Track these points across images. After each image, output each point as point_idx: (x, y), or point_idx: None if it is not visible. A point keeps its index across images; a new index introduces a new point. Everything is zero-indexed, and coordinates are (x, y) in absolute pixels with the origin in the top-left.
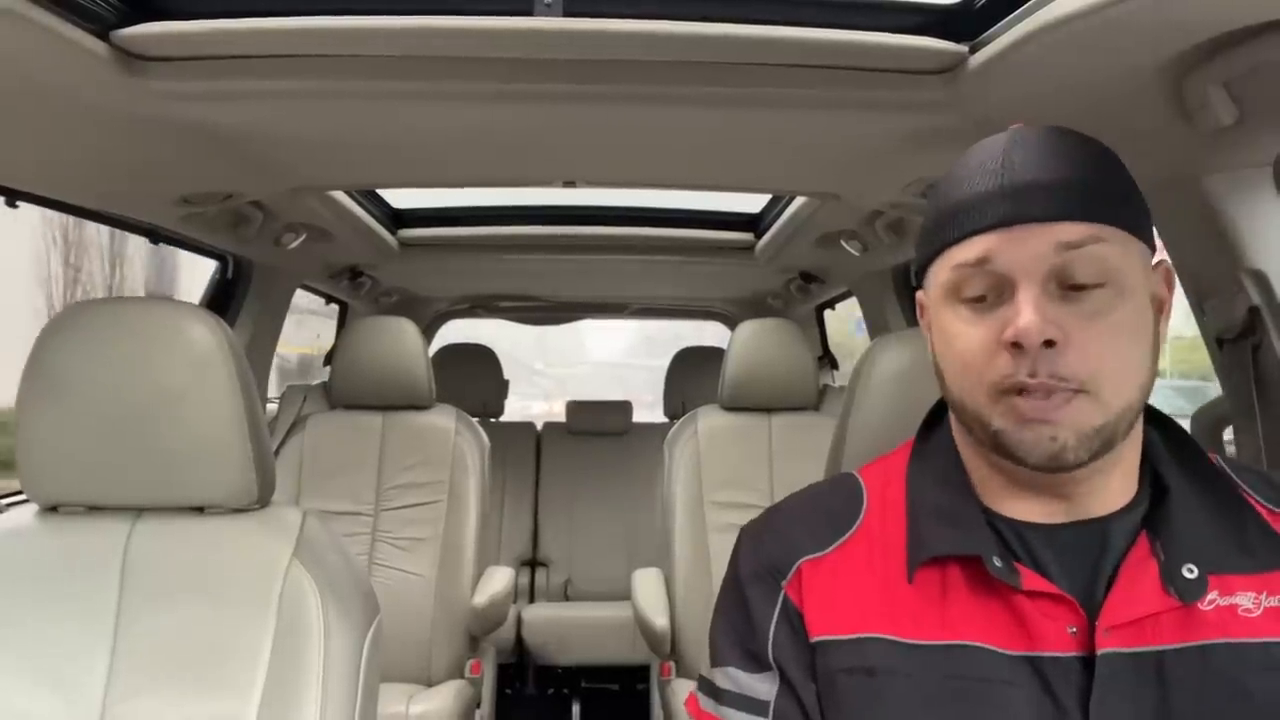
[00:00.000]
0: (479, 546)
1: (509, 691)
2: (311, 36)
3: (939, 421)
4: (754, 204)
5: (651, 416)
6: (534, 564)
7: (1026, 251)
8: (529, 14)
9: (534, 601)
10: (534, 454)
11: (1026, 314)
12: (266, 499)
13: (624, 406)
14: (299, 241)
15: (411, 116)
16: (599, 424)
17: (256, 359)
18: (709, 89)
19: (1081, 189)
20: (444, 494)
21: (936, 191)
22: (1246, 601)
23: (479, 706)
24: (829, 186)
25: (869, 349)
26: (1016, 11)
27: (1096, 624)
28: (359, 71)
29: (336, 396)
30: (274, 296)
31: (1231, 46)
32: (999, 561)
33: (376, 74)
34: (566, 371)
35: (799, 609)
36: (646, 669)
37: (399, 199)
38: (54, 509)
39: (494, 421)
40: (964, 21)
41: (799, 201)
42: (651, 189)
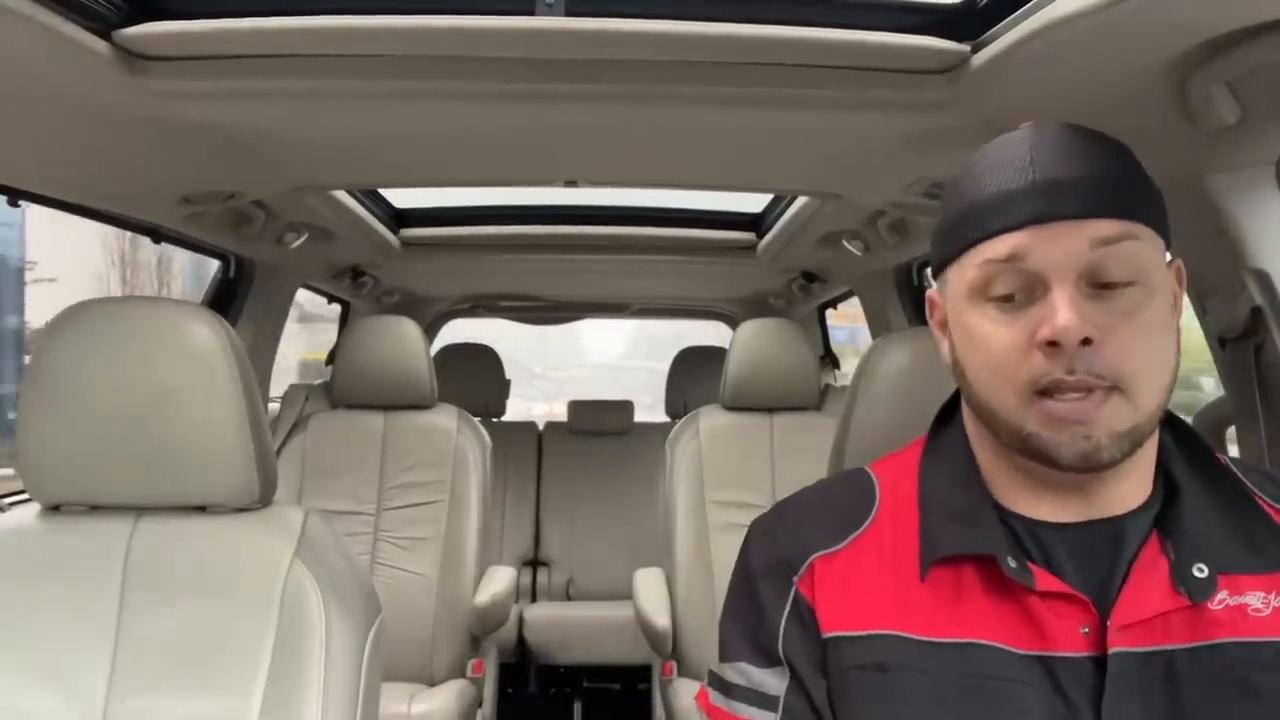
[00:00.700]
0: (481, 546)
1: (510, 691)
2: (314, 36)
3: (949, 419)
4: (756, 204)
5: (650, 417)
6: (535, 563)
7: (1060, 249)
8: (530, 13)
9: (536, 601)
10: (535, 454)
11: (1065, 312)
12: (268, 498)
13: (625, 406)
14: (301, 241)
15: (413, 116)
16: (601, 424)
17: (258, 358)
18: (710, 89)
19: (1113, 185)
20: (446, 493)
21: (956, 188)
22: (1256, 601)
23: (481, 706)
24: (831, 186)
25: (871, 348)
26: (1019, 11)
27: (1108, 624)
28: (361, 71)
29: (338, 396)
30: (276, 296)
31: (1234, 46)
32: (1013, 562)
33: (378, 74)
34: (565, 374)
35: (811, 605)
36: (648, 669)
37: (401, 198)
38: (56, 508)
39: (496, 421)
40: (966, 21)
41: (801, 201)
42: (653, 188)
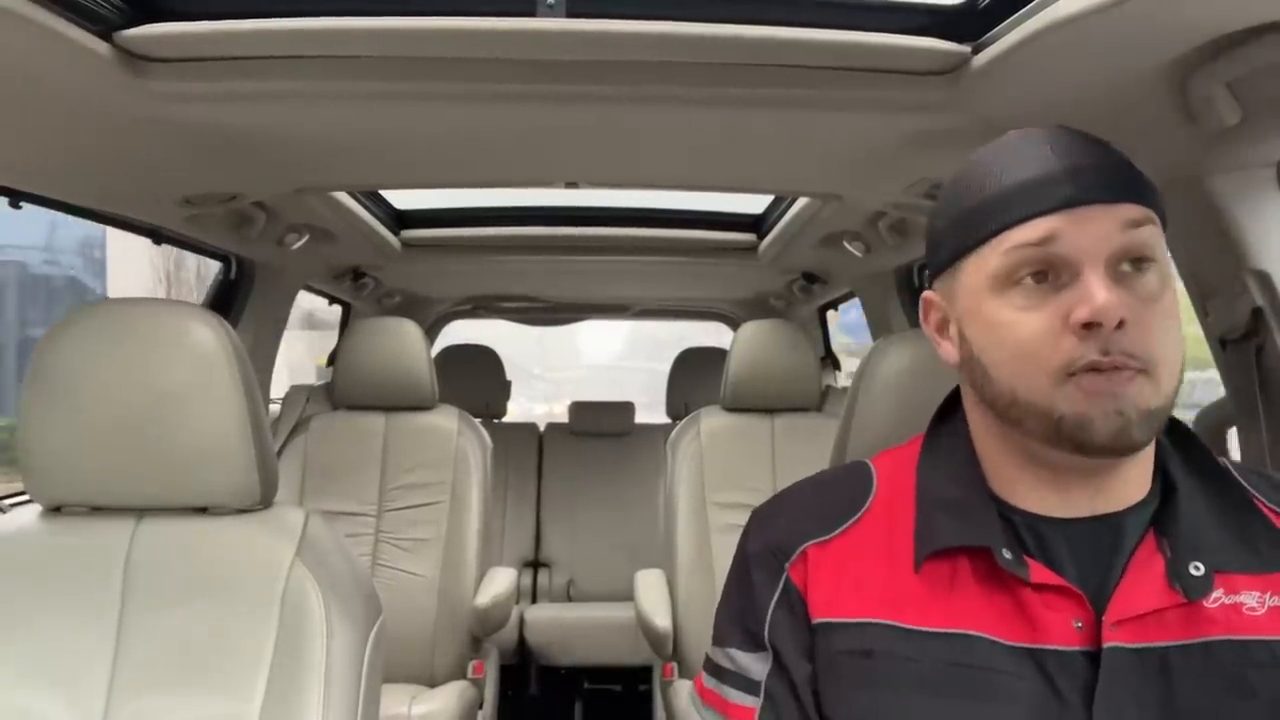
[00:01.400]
0: (481, 547)
1: (511, 692)
2: (315, 37)
3: (948, 417)
4: (756, 205)
5: (647, 417)
6: (536, 565)
7: (1091, 232)
8: (532, 15)
9: (536, 602)
10: (536, 455)
11: (1101, 293)
12: (269, 499)
13: (626, 407)
14: (302, 242)
15: (414, 117)
16: (601, 425)
17: (259, 360)
18: (712, 90)
19: (1133, 173)
20: (446, 495)
21: (966, 184)
22: (1251, 600)
23: (481, 707)
24: (832, 187)
25: (872, 349)
26: (1020, 12)
27: (1103, 619)
28: (362, 72)
29: (339, 397)
30: (277, 297)
31: (1235, 47)
32: (1008, 553)
33: (379, 75)
34: (563, 375)
35: (801, 591)
36: (649, 670)
37: (402, 200)
38: (57, 509)
39: (496, 422)
40: (967, 22)
41: (801, 202)
42: (654, 190)
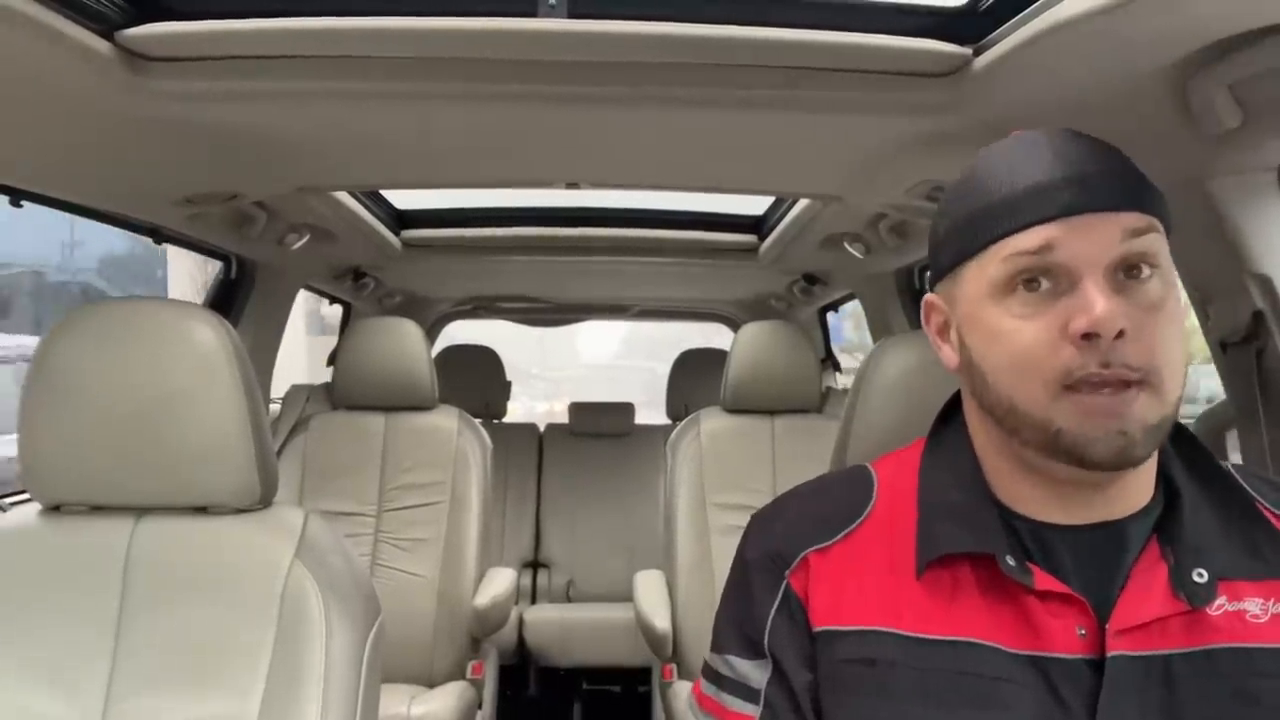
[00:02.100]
0: (481, 547)
1: (510, 693)
2: (316, 37)
3: (950, 421)
4: (757, 206)
5: (646, 416)
6: (536, 565)
7: (1092, 240)
8: (533, 15)
9: (536, 603)
10: (536, 455)
11: (1101, 303)
12: (269, 499)
13: (626, 408)
14: (303, 242)
15: (415, 117)
16: (601, 425)
17: (260, 359)
18: (713, 91)
19: (1137, 179)
20: (446, 495)
21: (969, 188)
22: (1255, 608)
23: (480, 708)
24: (832, 189)
25: (873, 350)
26: (1021, 14)
27: (1107, 627)
28: (363, 73)
29: (339, 397)
30: (277, 297)
31: (1237, 50)
32: (1012, 560)
33: (381, 75)
34: (561, 374)
35: (802, 599)
36: (648, 671)
37: (403, 200)
38: (57, 508)
39: (496, 422)
40: (968, 24)
41: (802, 204)
42: (654, 190)
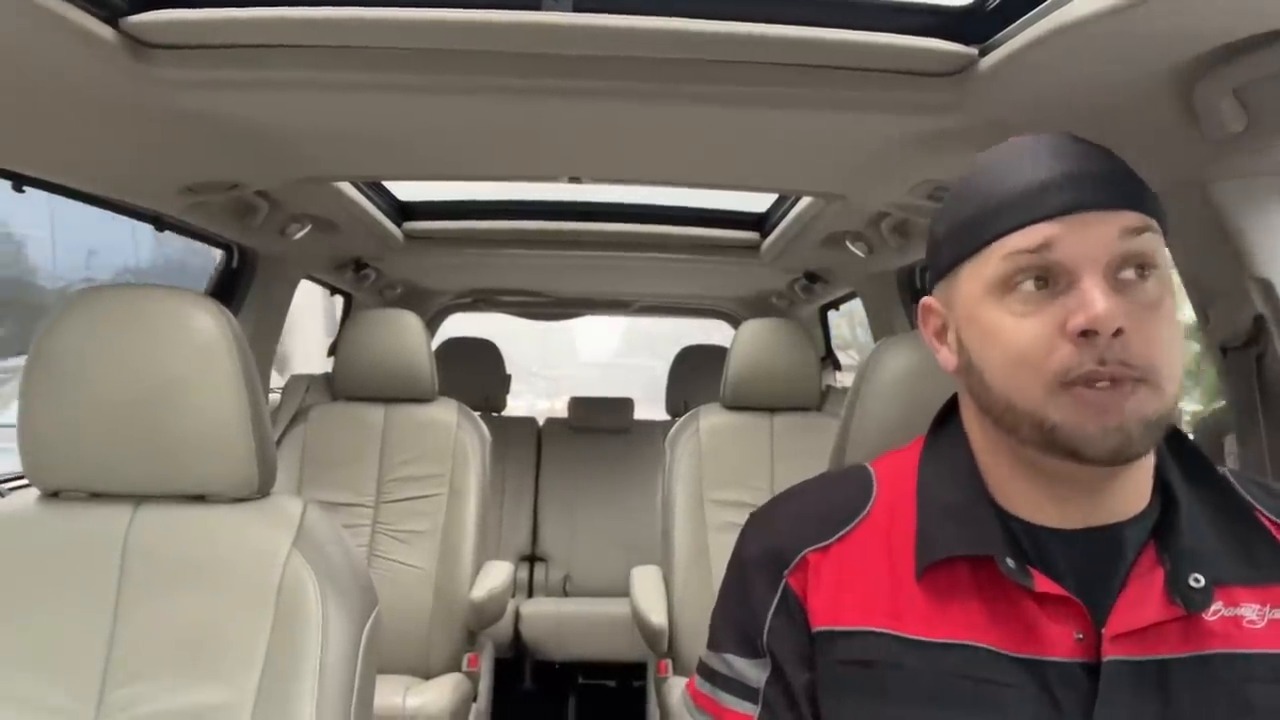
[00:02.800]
0: (478, 541)
1: (506, 686)
2: (320, 27)
3: (948, 422)
4: (760, 203)
5: (645, 413)
6: (533, 559)
7: (1091, 239)
8: (538, 8)
9: (532, 596)
10: (535, 449)
11: (1099, 301)
12: (267, 489)
13: (626, 404)
14: (304, 232)
15: (418, 109)
16: (601, 421)
17: (260, 349)
18: (717, 87)
19: (1135, 179)
20: (444, 487)
21: (970, 188)
22: (1251, 613)
23: (475, 700)
24: (835, 187)
25: (873, 350)
26: (1027, 15)
27: (1103, 631)
28: (367, 63)
29: (339, 388)
30: (278, 287)
31: (1242, 54)
32: (1011, 563)
33: (384, 66)
34: (560, 372)
35: (801, 599)
36: (644, 666)
37: (405, 191)
38: (55, 495)
39: (496, 416)
40: (974, 24)
41: (805, 201)
42: (657, 186)
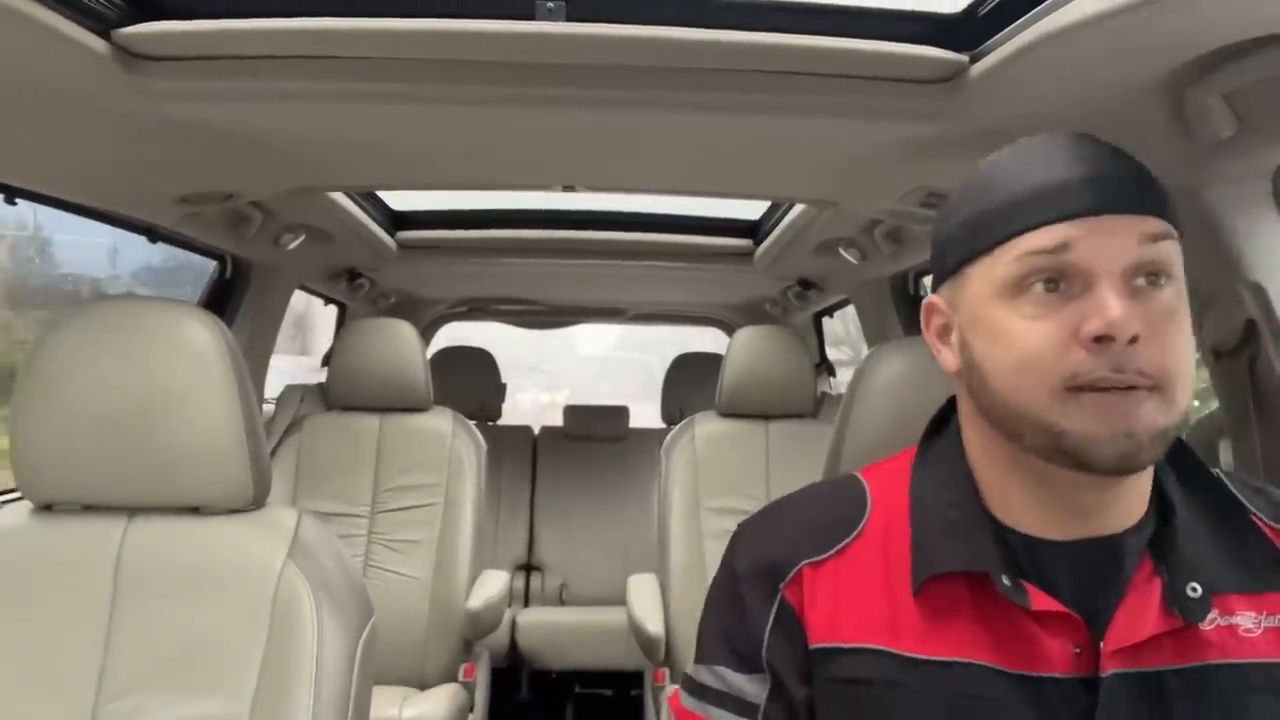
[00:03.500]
0: (474, 550)
1: (502, 696)
2: (313, 37)
3: (940, 431)
4: (753, 211)
5: (642, 409)
6: (529, 568)
7: (1111, 243)
8: (531, 18)
9: (529, 606)
10: (530, 458)
11: (1115, 307)
12: (262, 500)
13: (621, 412)
14: (298, 242)
15: (412, 119)
16: (596, 429)
17: (254, 359)
18: (709, 95)
19: (1157, 185)
20: (440, 497)
21: (984, 185)
22: (1247, 622)
23: (472, 711)
24: (828, 194)
25: (868, 357)
26: (1017, 22)
27: (1102, 645)
28: (360, 73)
29: (334, 398)
30: (272, 297)
31: (1231, 59)
32: (1007, 580)
33: (377, 76)
34: (560, 365)
35: (798, 613)
36: (641, 675)
37: (398, 201)
38: (48, 507)
39: (491, 425)
40: (965, 31)
41: (798, 209)
42: (651, 194)
